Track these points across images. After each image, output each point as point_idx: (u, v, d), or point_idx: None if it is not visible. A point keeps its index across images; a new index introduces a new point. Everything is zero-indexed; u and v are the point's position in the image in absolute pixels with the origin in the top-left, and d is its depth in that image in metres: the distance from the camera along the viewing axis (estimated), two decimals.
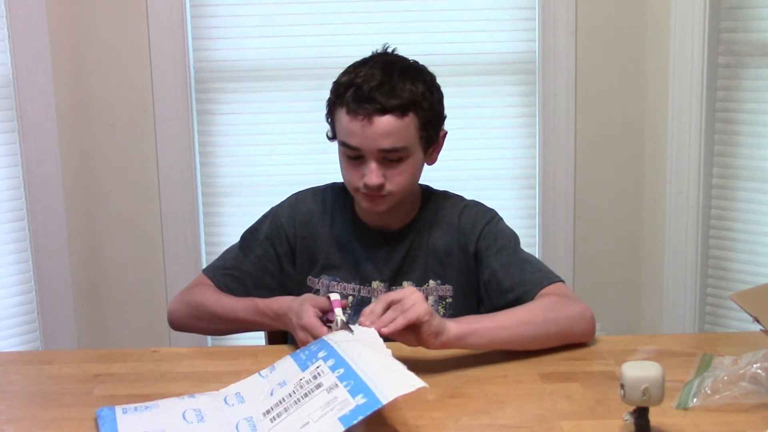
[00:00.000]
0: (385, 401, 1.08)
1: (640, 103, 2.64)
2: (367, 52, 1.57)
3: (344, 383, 1.13)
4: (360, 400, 1.09)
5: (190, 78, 2.58)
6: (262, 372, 1.26)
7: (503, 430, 1.15)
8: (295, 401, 1.14)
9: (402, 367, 1.15)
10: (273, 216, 1.65)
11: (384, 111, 1.45)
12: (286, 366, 1.24)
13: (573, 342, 1.44)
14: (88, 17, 2.54)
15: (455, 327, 1.34)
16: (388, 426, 1.14)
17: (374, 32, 2.57)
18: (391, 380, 1.12)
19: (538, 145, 2.64)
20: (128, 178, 2.63)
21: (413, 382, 1.11)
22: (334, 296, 1.40)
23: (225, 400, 1.21)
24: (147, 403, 1.19)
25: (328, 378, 1.15)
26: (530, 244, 2.70)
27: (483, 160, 2.66)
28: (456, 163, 2.59)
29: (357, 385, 1.12)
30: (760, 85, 2.45)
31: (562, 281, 1.54)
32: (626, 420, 1.09)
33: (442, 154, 1.62)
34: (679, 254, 2.62)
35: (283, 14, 2.58)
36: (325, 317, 1.39)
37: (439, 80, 1.57)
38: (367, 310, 1.32)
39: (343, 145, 1.51)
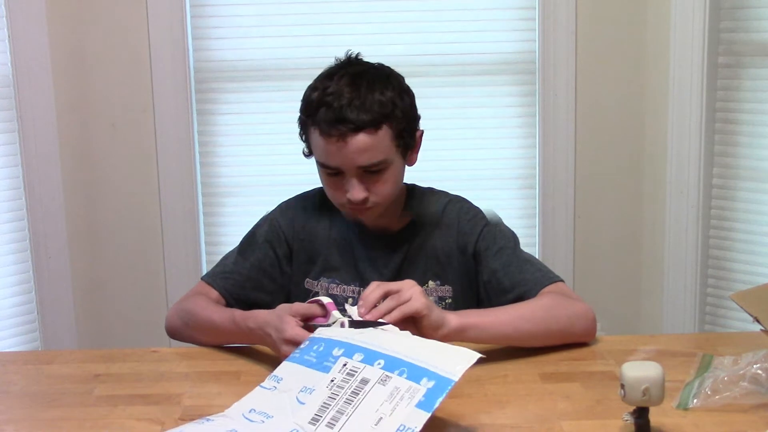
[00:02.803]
0: (456, 377, 1.06)
1: (640, 103, 2.64)
2: (367, 52, 1.57)
3: (396, 372, 1.10)
4: (428, 383, 1.06)
5: (190, 78, 2.58)
6: (265, 384, 1.21)
7: (503, 430, 1.15)
8: (345, 401, 1.09)
9: (446, 345, 1.14)
10: (271, 219, 1.65)
11: (357, 129, 1.44)
12: (296, 372, 1.20)
13: (574, 341, 1.44)
14: (88, 17, 2.54)
15: (456, 320, 1.34)
16: None
17: (374, 32, 2.57)
18: (448, 357, 1.10)
19: (538, 145, 2.64)
20: (128, 178, 2.63)
21: (470, 354, 1.09)
22: (327, 300, 1.35)
23: (245, 417, 1.15)
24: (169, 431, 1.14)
25: (371, 371, 1.11)
26: (530, 244, 2.70)
27: (483, 160, 2.66)
28: (456, 163, 2.60)
29: (414, 371, 1.09)
30: (760, 85, 2.45)
31: (563, 281, 1.54)
32: (626, 420, 1.09)
33: (442, 154, 1.62)
34: (679, 254, 2.62)
35: (283, 14, 2.58)
36: (306, 324, 1.34)
37: (439, 80, 1.57)
38: (363, 295, 1.31)
39: (322, 165, 1.51)
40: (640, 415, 1.08)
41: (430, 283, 1.60)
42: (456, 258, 1.60)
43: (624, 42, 2.61)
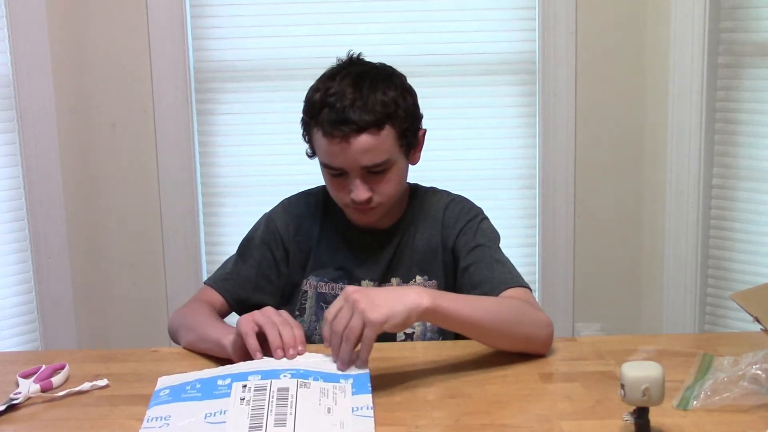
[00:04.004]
0: (367, 370, 1.21)
1: (640, 103, 2.64)
2: (367, 52, 1.57)
3: (311, 378, 1.18)
4: (347, 380, 1.19)
5: (190, 78, 2.58)
6: (148, 425, 1.15)
7: (503, 430, 1.15)
8: (278, 405, 1.11)
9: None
10: (267, 221, 1.65)
11: (360, 130, 1.44)
12: (182, 408, 1.16)
13: (533, 350, 1.39)
14: (88, 17, 2.54)
15: (423, 306, 1.25)
16: (388, 426, 1.14)
17: (374, 32, 2.57)
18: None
19: (538, 145, 2.64)
20: (128, 178, 2.64)
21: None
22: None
23: (207, 421, 1.13)
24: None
25: (284, 381, 1.16)
26: (530, 244, 2.70)
27: (483, 160, 2.66)
28: (456, 163, 2.60)
29: (327, 376, 1.20)
30: (760, 85, 2.45)
31: (530, 288, 1.52)
32: (626, 420, 1.09)
33: (442, 154, 1.62)
34: (679, 254, 2.62)
35: (283, 14, 2.58)
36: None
37: (439, 80, 1.57)
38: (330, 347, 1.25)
39: (325, 166, 1.51)
40: (640, 415, 1.08)
41: (417, 277, 1.60)
42: (440, 252, 1.60)
43: (624, 42, 2.61)
